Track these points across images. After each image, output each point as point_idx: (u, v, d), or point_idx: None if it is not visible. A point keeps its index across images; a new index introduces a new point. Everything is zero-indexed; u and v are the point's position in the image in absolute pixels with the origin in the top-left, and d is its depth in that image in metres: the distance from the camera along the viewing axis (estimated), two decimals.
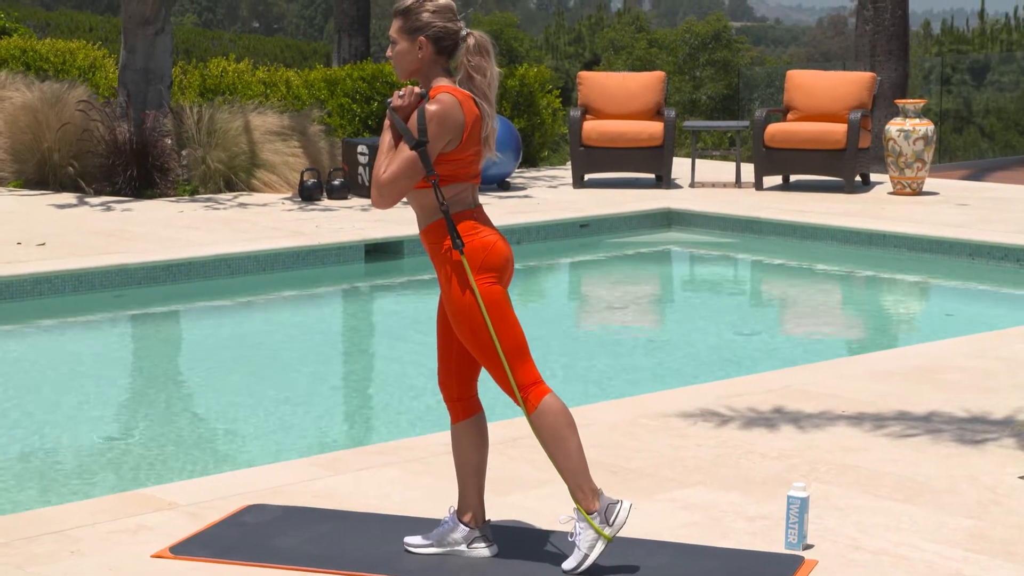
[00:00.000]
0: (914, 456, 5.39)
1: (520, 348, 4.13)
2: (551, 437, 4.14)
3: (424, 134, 4.04)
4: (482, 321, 4.09)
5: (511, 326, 4.12)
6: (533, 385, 4.14)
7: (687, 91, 32.23)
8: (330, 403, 7.20)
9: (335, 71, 14.94)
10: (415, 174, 4.08)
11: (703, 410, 5.97)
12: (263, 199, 12.41)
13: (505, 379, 4.14)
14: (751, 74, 27.28)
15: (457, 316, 4.13)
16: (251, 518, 4.64)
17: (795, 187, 13.32)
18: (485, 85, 4.13)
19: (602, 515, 4.12)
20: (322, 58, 31.04)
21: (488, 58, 4.14)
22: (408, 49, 4.14)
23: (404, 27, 4.13)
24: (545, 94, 15.53)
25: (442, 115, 4.05)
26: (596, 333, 8.93)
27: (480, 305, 4.08)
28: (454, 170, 4.12)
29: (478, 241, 4.12)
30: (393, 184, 4.08)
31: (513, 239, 10.94)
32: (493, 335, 4.09)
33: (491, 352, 4.11)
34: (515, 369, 4.12)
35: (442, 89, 4.11)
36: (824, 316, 9.46)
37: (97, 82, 15.28)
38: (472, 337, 4.12)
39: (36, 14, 34.31)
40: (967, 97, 24.01)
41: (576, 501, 4.14)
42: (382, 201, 4.11)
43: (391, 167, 4.08)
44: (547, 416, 4.13)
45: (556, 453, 4.14)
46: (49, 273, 8.97)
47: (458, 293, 4.11)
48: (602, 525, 4.12)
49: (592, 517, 4.12)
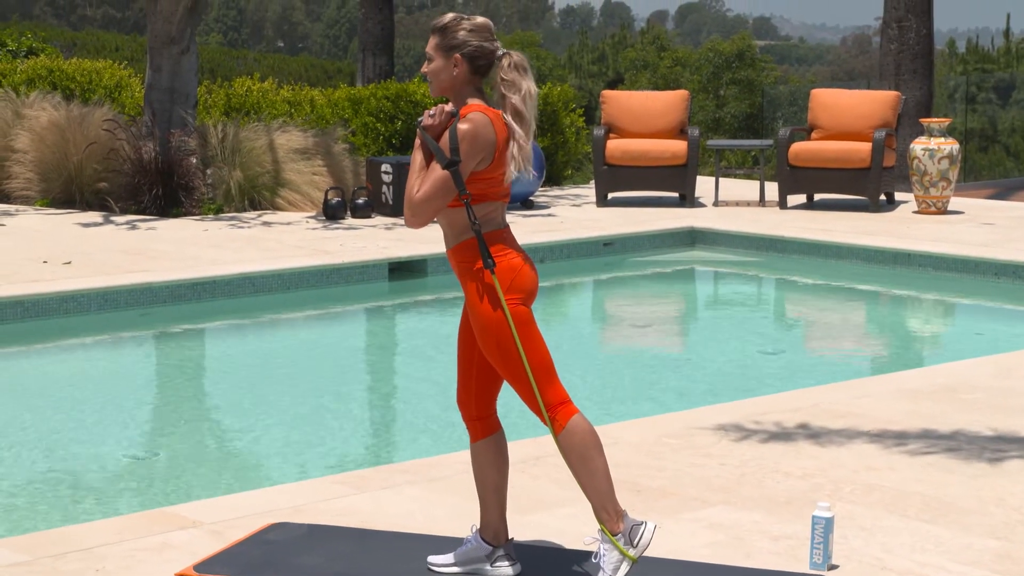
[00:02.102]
0: (940, 476, 5.36)
1: (548, 368, 4.13)
2: (578, 457, 4.13)
3: (456, 153, 4.03)
4: (511, 340, 4.08)
5: (539, 346, 4.12)
6: (561, 405, 4.14)
7: (711, 109, 32.24)
8: (354, 421, 7.21)
9: (359, 90, 14.99)
10: (448, 193, 4.07)
11: (727, 429, 5.96)
12: (287, 218, 12.45)
13: (533, 398, 4.13)
14: (775, 93, 27.26)
15: (486, 334, 4.12)
16: (275, 536, 4.65)
17: (819, 206, 13.29)
18: (520, 102, 4.09)
19: (626, 536, 4.11)
20: (346, 77, 31.15)
21: (525, 75, 4.11)
22: (443, 66, 4.13)
23: (440, 44, 4.13)
24: (568, 113, 15.55)
25: (474, 134, 4.05)
26: (619, 351, 8.91)
27: (510, 323, 4.08)
28: (485, 189, 4.12)
29: (507, 263, 4.12)
30: (427, 204, 4.07)
31: (537, 257, 10.94)
32: (522, 354, 4.08)
33: (519, 371, 4.11)
34: (543, 389, 4.12)
35: (473, 108, 4.10)
36: (848, 335, 9.43)
37: (123, 101, 15.37)
38: (500, 356, 4.12)
39: (63, 34, 34.56)
40: (992, 116, 23.94)
41: (601, 522, 4.13)
42: (415, 220, 4.10)
43: (424, 187, 4.07)
44: (575, 436, 4.12)
45: (582, 473, 4.13)
46: (75, 291, 9.02)
47: (488, 312, 4.10)
48: (627, 546, 4.10)
49: (617, 538, 4.11)
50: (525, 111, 4.10)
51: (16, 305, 8.79)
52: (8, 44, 18.06)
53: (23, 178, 13.29)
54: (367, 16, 18.42)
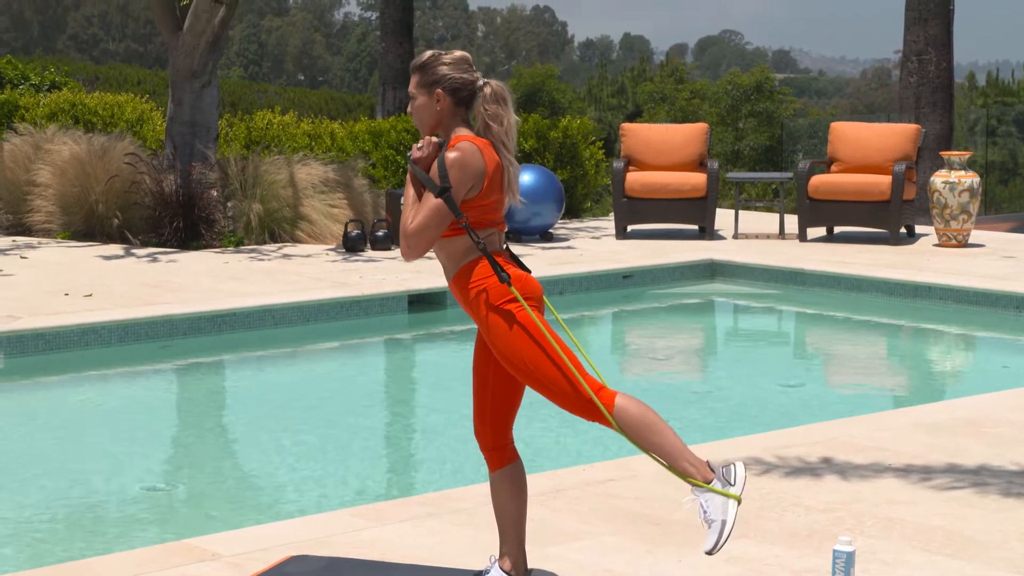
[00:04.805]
0: (962, 510, 5.33)
1: (576, 363, 4.13)
2: (642, 427, 4.08)
3: (446, 180, 4.08)
4: (537, 342, 4.08)
5: (562, 344, 4.13)
6: (600, 391, 4.13)
7: (730, 142, 32.25)
8: (373, 454, 7.20)
9: (379, 123, 15.04)
10: (442, 221, 4.11)
11: (747, 462, 5.93)
12: (307, 250, 12.48)
13: (571, 395, 4.08)
14: (794, 125, 27.27)
15: (509, 347, 4.11)
16: (294, 569, 4.64)
17: (839, 239, 13.27)
18: (503, 133, 4.17)
19: (722, 479, 4.06)
20: (367, 110, 31.27)
21: (505, 106, 4.19)
22: (427, 103, 4.19)
23: (421, 81, 4.20)
24: (588, 145, 15.57)
25: (462, 161, 4.09)
26: (639, 384, 8.89)
27: (536, 322, 4.08)
28: (478, 216, 4.16)
29: (512, 273, 4.17)
30: (421, 234, 4.11)
31: (556, 290, 10.95)
32: (557, 348, 4.08)
33: (553, 375, 4.08)
34: (582, 379, 4.11)
35: (461, 138, 4.16)
36: (869, 368, 9.39)
37: (144, 135, 15.46)
38: (531, 364, 4.09)
39: (85, 68, 34.79)
40: (1013, 149, 23.90)
41: (690, 478, 4.05)
42: (411, 252, 4.14)
43: (418, 217, 4.11)
44: (630, 410, 4.09)
45: (652, 440, 4.07)
46: (95, 324, 9.04)
47: (505, 327, 4.11)
48: (726, 487, 4.05)
49: (713, 484, 4.06)
50: (508, 141, 4.18)
51: (37, 338, 8.83)
52: (31, 78, 18.20)
53: (45, 211, 13.36)
54: (387, 50, 18.50)
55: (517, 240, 13.03)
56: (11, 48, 64.19)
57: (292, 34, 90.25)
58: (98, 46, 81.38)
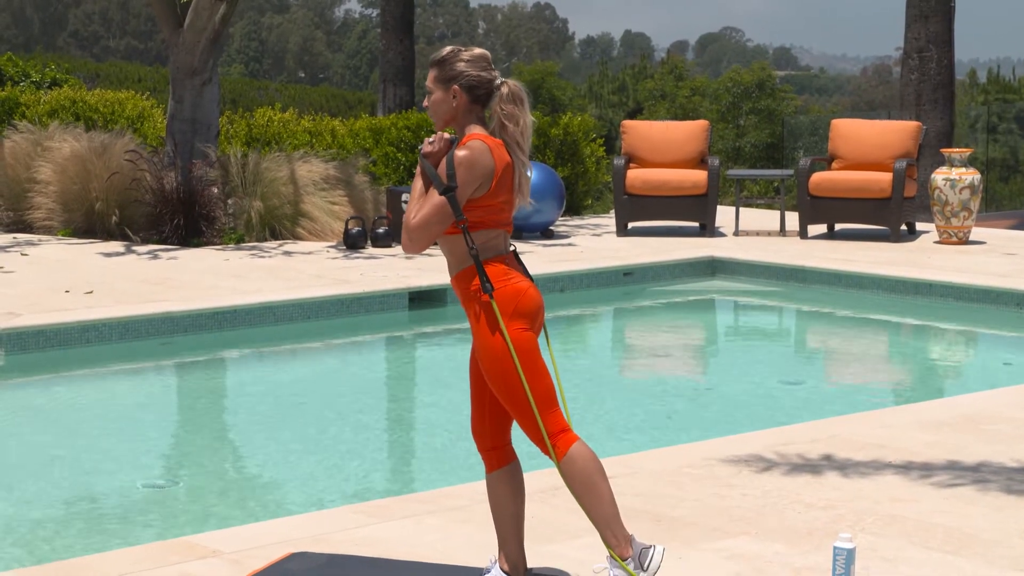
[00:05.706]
0: (963, 507, 5.33)
1: (549, 396, 4.13)
2: (582, 484, 4.13)
3: (453, 179, 4.08)
4: (513, 368, 4.09)
5: (541, 374, 4.12)
6: (561, 433, 4.14)
7: (730, 139, 32.24)
8: (374, 451, 7.20)
9: (380, 120, 15.04)
10: (444, 219, 4.10)
11: (749, 459, 5.93)
12: (308, 247, 12.48)
13: (534, 426, 4.13)
14: (795, 122, 27.26)
15: (488, 361, 4.13)
16: (294, 566, 4.64)
17: (840, 236, 13.27)
18: (518, 134, 4.16)
19: (636, 560, 4.10)
20: (367, 107, 31.27)
21: (522, 107, 4.17)
22: (443, 98, 4.18)
23: (439, 76, 4.19)
24: (589, 143, 15.57)
25: (471, 160, 4.08)
26: (640, 381, 8.90)
27: (512, 352, 4.08)
28: (484, 216, 4.15)
29: (510, 287, 4.13)
30: (422, 229, 4.10)
31: (556, 287, 10.95)
32: (524, 382, 4.09)
33: (521, 399, 4.11)
34: (544, 417, 4.12)
35: (474, 136, 4.15)
36: (870, 365, 9.39)
37: (145, 132, 15.45)
38: (502, 383, 4.12)
39: (86, 65, 34.77)
40: (1013, 146, 23.89)
41: (609, 548, 4.12)
42: (412, 245, 4.14)
43: (421, 212, 4.11)
44: (577, 463, 4.12)
45: (587, 499, 4.13)
46: (96, 321, 9.04)
47: (489, 338, 4.12)
48: (637, 570, 4.09)
49: (627, 563, 4.09)
50: (523, 142, 4.17)
51: (38, 335, 8.83)
52: (32, 75, 18.19)
53: (45, 208, 13.36)
54: (388, 47, 18.50)
55: (518, 237, 13.03)
56: (12, 45, 64.18)
57: (293, 31, 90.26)
58: (99, 43, 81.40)
